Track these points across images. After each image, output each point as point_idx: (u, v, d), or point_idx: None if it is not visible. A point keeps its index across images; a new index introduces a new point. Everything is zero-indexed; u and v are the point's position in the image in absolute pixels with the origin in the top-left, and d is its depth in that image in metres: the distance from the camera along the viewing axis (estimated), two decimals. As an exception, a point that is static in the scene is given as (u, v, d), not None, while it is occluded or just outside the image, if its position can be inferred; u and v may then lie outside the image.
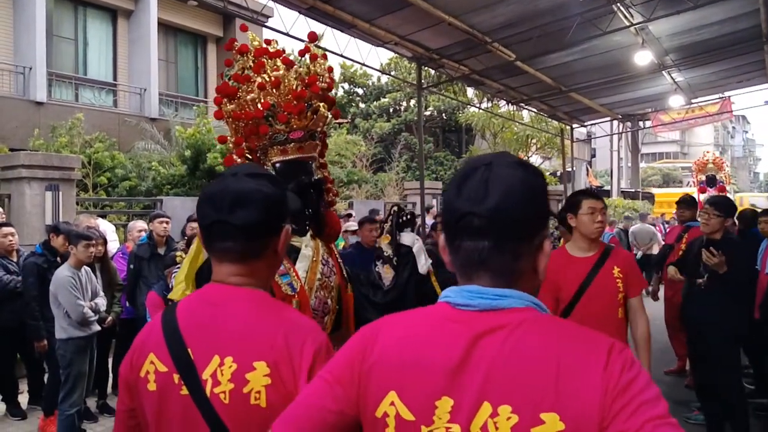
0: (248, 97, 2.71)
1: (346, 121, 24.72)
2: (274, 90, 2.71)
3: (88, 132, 12.60)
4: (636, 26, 10.38)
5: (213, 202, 1.43)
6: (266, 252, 1.45)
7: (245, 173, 1.47)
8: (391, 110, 27.04)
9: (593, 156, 35.92)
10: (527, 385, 1.00)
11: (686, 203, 6.76)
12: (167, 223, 6.38)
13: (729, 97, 19.25)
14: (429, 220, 11.26)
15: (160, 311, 3.86)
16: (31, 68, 14.66)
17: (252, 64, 2.79)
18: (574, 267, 3.52)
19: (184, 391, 1.35)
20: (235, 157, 2.75)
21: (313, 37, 3.12)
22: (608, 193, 29.30)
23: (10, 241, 5.74)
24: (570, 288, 3.48)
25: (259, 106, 2.69)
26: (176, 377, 1.36)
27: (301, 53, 2.94)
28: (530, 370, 1.01)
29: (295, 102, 2.68)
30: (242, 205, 1.40)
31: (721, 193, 12.98)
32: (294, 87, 2.73)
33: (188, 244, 5.14)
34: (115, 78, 17.24)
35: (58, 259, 5.56)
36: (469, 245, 1.11)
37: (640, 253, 12.85)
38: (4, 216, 6.73)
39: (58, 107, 14.74)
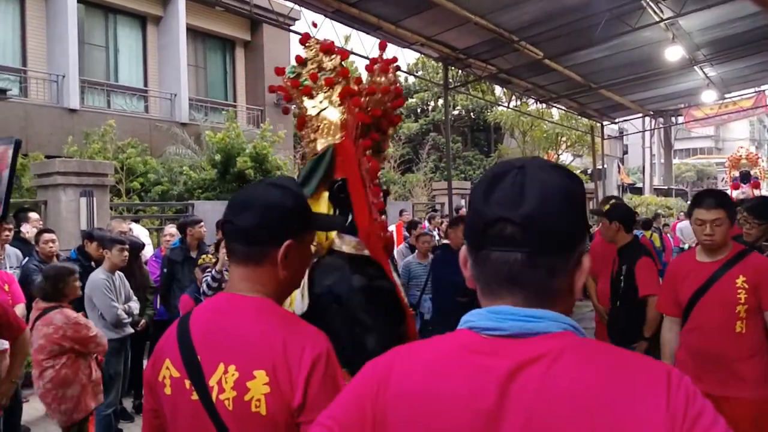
0: (376, 97, 2.78)
1: (373, 122, 24.77)
2: (367, 97, 2.79)
3: (120, 138, 12.84)
4: (666, 21, 10.21)
5: (231, 203, 1.52)
6: (266, 260, 1.46)
7: (270, 182, 1.54)
8: (418, 110, 27.00)
9: (625, 153, 35.41)
10: (577, 430, 0.86)
11: None
12: (203, 227, 6.64)
13: (764, 91, 18.82)
14: (430, 229, 9.95)
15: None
16: (64, 76, 14.97)
17: (331, 66, 2.91)
18: (695, 272, 3.24)
19: (195, 396, 1.39)
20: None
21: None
22: (641, 191, 28.86)
23: (51, 246, 5.88)
24: (686, 295, 3.24)
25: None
26: (188, 383, 1.40)
27: (369, 68, 2.97)
28: (579, 412, 0.87)
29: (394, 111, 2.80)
30: (245, 209, 1.47)
31: (754, 190, 12.71)
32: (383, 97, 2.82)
33: (217, 248, 5.23)
34: (145, 84, 17.52)
35: (93, 264, 5.68)
36: (499, 256, 0.96)
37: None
38: (41, 223, 6.90)
39: (90, 114, 15.03)
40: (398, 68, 3.00)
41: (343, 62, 2.96)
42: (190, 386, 1.40)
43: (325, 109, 2.88)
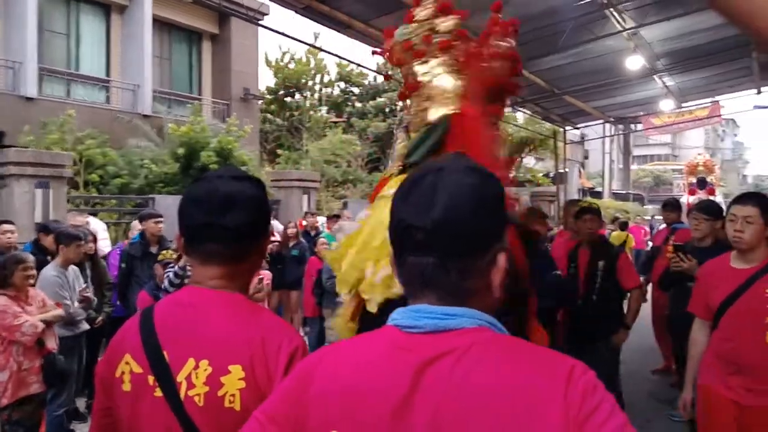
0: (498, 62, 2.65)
1: (341, 120, 24.73)
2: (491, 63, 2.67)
3: (79, 128, 12.51)
4: (628, 31, 10.46)
5: (201, 204, 1.43)
6: (252, 254, 1.48)
7: (230, 176, 1.48)
8: (387, 110, 26.99)
9: (586, 158, 36.02)
10: (480, 422, 0.90)
11: (671, 206, 7.05)
12: (161, 222, 6.39)
13: (718, 101, 19.38)
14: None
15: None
16: (21, 63, 14.56)
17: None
18: (727, 278, 3.13)
19: (159, 393, 1.35)
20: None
21: None
22: (600, 195, 29.44)
23: (9, 238, 5.71)
24: (716, 301, 3.15)
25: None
26: (151, 379, 1.36)
27: (488, 32, 2.76)
28: (483, 404, 0.90)
29: None
30: (230, 207, 1.41)
31: (710, 196, 13.10)
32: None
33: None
34: (108, 74, 17.14)
35: (49, 258, 5.54)
36: (413, 261, 1.01)
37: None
38: (-5, 213, 6.71)
39: (49, 103, 14.62)
40: (517, 30, 2.76)
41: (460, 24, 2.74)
42: (154, 382, 1.36)
43: (438, 75, 2.67)
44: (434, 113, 2.65)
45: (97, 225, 7.75)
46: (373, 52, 2.97)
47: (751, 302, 2.99)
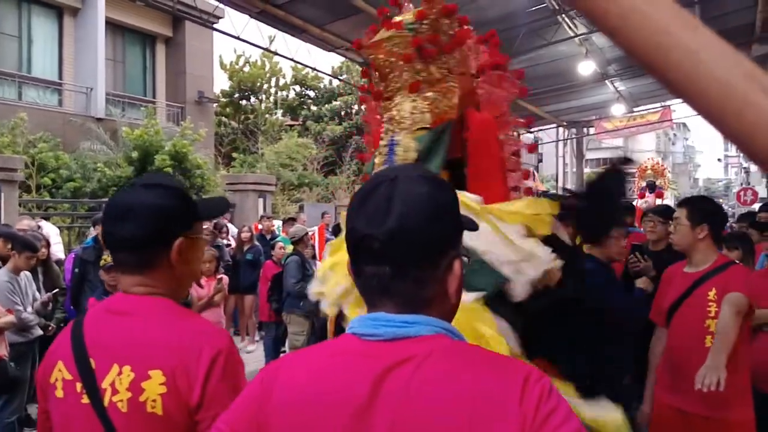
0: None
1: (297, 123, 24.65)
2: None
3: (31, 132, 12.25)
4: (580, 37, 10.74)
5: (107, 213, 1.48)
6: (159, 263, 1.45)
7: (143, 183, 1.50)
8: (342, 113, 27.01)
9: (540, 161, 36.62)
10: (439, 428, 0.92)
11: (626, 209, 7.10)
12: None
13: (669, 106, 19.96)
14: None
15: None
16: (-30, 65, 14.16)
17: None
18: (678, 283, 3.16)
19: (85, 399, 1.37)
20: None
21: None
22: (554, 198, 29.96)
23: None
24: (666, 304, 3.17)
25: None
26: (79, 386, 1.38)
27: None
28: (441, 409, 0.92)
29: None
30: (126, 218, 1.42)
31: (657, 200, 13.44)
32: None
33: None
34: (60, 77, 16.76)
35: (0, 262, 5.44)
36: (370, 270, 1.02)
37: None
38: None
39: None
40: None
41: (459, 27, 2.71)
42: (81, 389, 1.37)
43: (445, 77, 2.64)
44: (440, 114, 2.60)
45: (49, 229, 7.59)
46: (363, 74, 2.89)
47: (693, 306, 3.02)
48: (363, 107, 3.12)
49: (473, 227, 1.19)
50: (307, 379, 1.03)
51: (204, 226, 1.88)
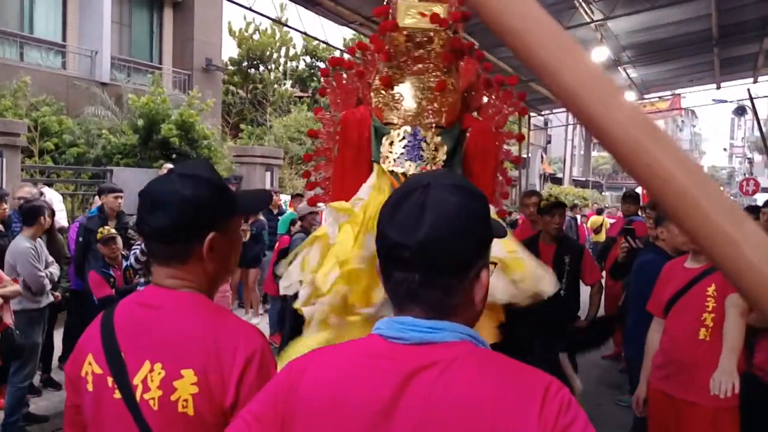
0: None
1: (306, 95, 24.34)
2: None
3: (34, 94, 12.06)
4: (596, 23, 10.57)
5: (142, 199, 1.41)
6: (191, 257, 1.39)
7: (180, 173, 1.43)
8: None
9: (548, 143, 36.53)
10: None
11: (631, 198, 7.23)
12: (121, 197, 6.24)
13: (680, 94, 19.81)
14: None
15: (103, 290, 3.81)
16: (-29, 23, 13.92)
17: None
18: (679, 278, 3.30)
19: (118, 394, 1.33)
20: None
21: None
22: (560, 181, 29.90)
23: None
24: (665, 298, 3.32)
25: None
26: (110, 380, 1.34)
27: None
28: (463, 416, 0.94)
29: None
30: (157, 207, 1.37)
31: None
32: None
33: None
34: (64, 38, 16.52)
35: (2, 227, 5.40)
36: (399, 276, 1.04)
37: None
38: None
39: (0, 66, 14.06)
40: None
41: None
42: (113, 384, 1.33)
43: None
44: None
45: (52, 196, 7.49)
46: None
47: (692, 300, 3.17)
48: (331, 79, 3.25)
49: (502, 234, 1.20)
50: (332, 377, 1.04)
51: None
